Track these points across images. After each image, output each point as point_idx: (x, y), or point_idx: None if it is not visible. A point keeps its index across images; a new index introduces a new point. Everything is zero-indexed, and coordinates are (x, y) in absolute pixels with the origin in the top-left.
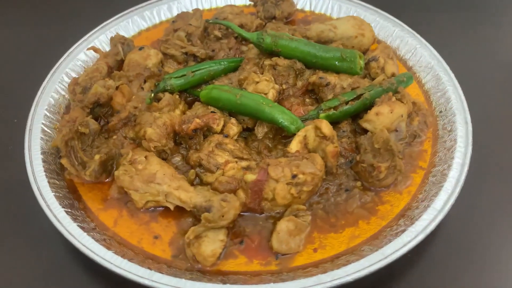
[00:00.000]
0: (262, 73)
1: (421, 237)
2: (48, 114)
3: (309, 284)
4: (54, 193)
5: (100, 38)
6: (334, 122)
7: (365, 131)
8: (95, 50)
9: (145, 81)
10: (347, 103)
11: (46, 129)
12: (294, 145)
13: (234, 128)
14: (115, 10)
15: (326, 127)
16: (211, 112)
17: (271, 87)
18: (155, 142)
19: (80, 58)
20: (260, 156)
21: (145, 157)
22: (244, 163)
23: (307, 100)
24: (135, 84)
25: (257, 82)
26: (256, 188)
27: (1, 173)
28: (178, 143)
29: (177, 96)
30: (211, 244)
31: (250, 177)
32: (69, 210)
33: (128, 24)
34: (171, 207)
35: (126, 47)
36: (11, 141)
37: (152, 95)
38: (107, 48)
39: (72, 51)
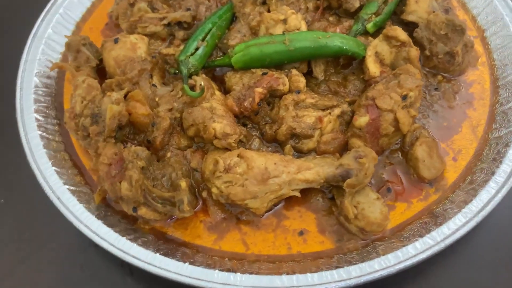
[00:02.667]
0: (269, 10)
1: None
2: (58, 169)
3: (496, 188)
4: (159, 254)
5: (42, 50)
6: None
7: (407, 25)
8: (61, 67)
9: (151, 75)
10: (384, 2)
11: (72, 187)
12: (373, 67)
13: (300, 79)
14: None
15: (402, 33)
16: (262, 74)
17: (301, 18)
18: (232, 135)
19: (36, 84)
20: (339, 96)
21: (239, 156)
22: (337, 111)
23: (331, 19)
24: (143, 84)
25: (284, 20)
26: (372, 128)
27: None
28: (242, 125)
29: (204, 76)
30: (374, 208)
31: (363, 120)
32: (192, 260)
33: (60, 22)
34: (297, 194)
35: (91, 48)
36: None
37: (186, 86)
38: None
39: (22, 82)
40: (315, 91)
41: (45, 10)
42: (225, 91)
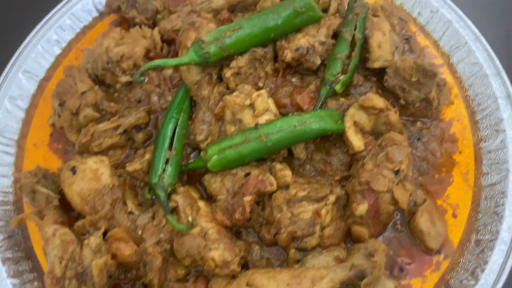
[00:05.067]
0: (228, 88)
1: None
2: None
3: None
4: None
5: None
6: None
7: (373, 72)
8: (21, 220)
9: (124, 202)
10: (348, 57)
11: None
12: (356, 140)
13: (287, 172)
14: None
15: (378, 100)
16: (245, 175)
17: (266, 97)
18: (233, 260)
19: None
20: (327, 176)
21: (247, 285)
22: (331, 198)
23: (293, 80)
24: (120, 217)
25: (251, 105)
26: (373, 212)
27: None
28: (235, 233)
29: (182, 188)
30: None
31: (363, 208)
32: None
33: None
34: None
35: (46, 182)
36: None
37: (170, 216)
38: None
39: None
40: (300, 174)
41: None
42: (206, 192)
